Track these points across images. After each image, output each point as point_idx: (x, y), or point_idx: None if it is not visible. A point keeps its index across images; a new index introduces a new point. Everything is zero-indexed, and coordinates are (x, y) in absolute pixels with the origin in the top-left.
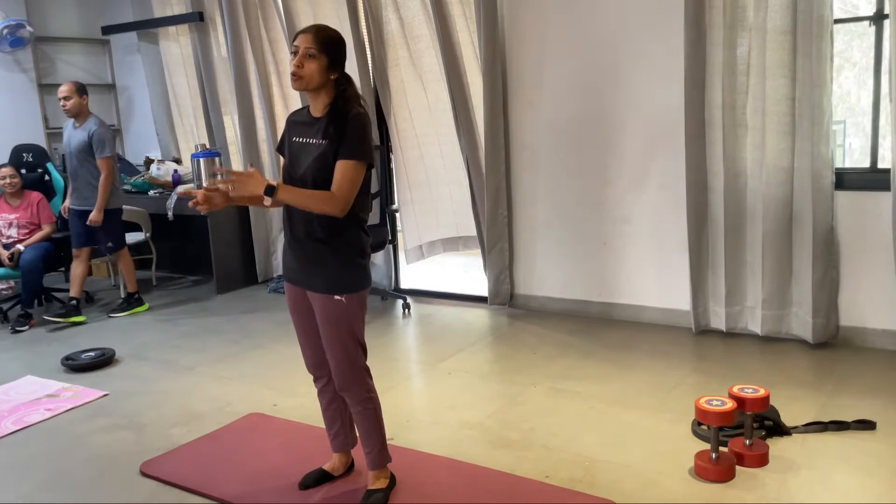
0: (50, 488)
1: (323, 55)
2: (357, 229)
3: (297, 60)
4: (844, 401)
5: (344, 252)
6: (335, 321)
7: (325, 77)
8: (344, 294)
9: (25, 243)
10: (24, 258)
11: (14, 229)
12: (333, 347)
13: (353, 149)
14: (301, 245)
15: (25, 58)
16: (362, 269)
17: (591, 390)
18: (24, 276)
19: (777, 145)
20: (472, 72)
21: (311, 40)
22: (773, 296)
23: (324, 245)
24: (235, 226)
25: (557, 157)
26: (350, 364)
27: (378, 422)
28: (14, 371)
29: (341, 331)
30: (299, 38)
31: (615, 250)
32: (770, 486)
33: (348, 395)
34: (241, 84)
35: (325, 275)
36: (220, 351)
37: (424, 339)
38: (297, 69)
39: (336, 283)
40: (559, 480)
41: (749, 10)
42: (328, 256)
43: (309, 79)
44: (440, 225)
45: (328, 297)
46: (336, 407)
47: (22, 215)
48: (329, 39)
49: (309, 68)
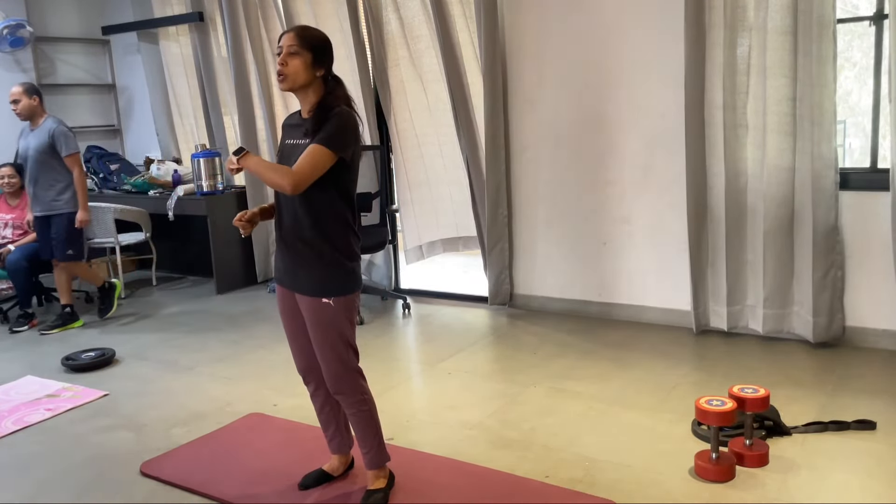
0: (50, 488)
1: (306, 51)
2: (345, 231)
3: (281, 59)
4: (845, 401)
5: (331, 255)
6: (324, 325)
7: (311, 74)
8: (332, 297)
9: (16, 244)
10: (9, 258)
11: (9, 230)
12: (324, 351)
13: (325, 136)
14: (289, 246)
15: (25, 58)
16: (351, 272)
17: (592, 390)
18: (10, 277)
19: (778, 145)
20: (472, 72)
21: (293, 38)
22: (774, 295)
23: (310, 247)
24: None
25: (558, 156)
26: (342, 367)
27: (373, 422)
28: (14, 371)
29: (331, 334)
30: (282, 39)
31: (615, 250)
32: (770, 486)
33: (342, 399)
34: (241, 84)
35: (312, 277)
36: (220, 351)
37: (424, 339)
38: (282, 67)
39: (323, 286)
40: (559, 480)
41: (749, 10)
42: (315, 259)
43: (294, 76)
44: (440, 225)
45: (316, 300)
46: (330, 410)
47: (18, 216)
48: (311, 37)
49: (293, 65)
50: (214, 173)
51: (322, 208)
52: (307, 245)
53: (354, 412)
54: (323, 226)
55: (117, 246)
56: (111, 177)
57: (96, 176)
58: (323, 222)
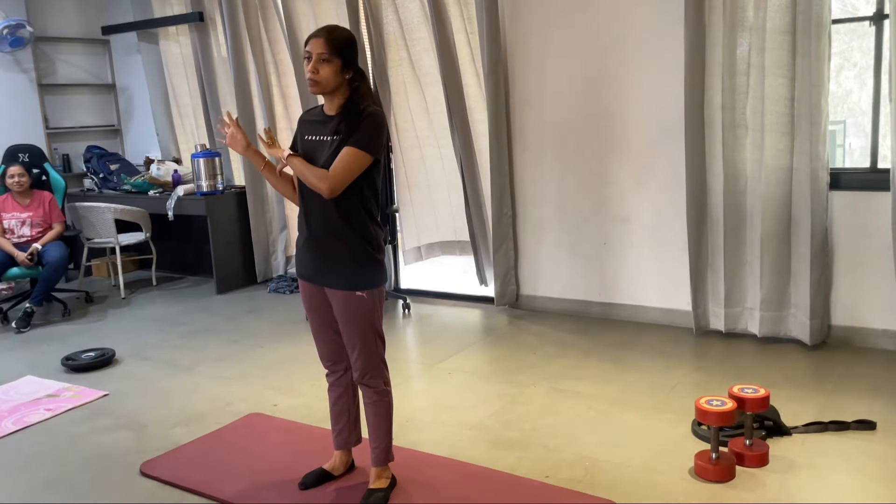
0: (50, 488)
1: (336, 58)
2: (373, 224)
3: (312, 66)
4: (844, 401)
5: (362, 248)
6: (357, 317)
7: (341, 78)
8: (365, 290)
9: (41, 242)
10: (51, 255)
11: (27, 227)
12: (355, 341)
13: (360, 138)
14: (319, 243)
15: (25, 58)
16: (380, 264)
17: (592, 390)
18: (48, 274)
19: (776, 145)
20: (469, 74)
21: (323, 45)
22: (771, 297)
23: (343, 242)
24: (235, 226)
25: (558, 157)
26: (372, 356)
27: (389, 416)
28: (14, 371)
29: (363, 325)
30: (311, 44)
31: (616, 250)
32: (770, 486)
33: (367, 389)
34: (241, 84)
35: (346, 272)
36: (220, 351)
37: (424, 339)
38: (314, 75)
39: (357, 279)
40: (559, 480)
41: (749, 10)
42: (348, 254)
43: (326, 83)
44: (439, 228)
45: (349, 293)
46: (345, 402)
47: (35, 214)
48: (340, 41)
49: (324, 73)
50: (214, 173)
51: (353, 204)
52: (340, 241)
53: (376, 401)
54: (353, 221)
55: (117, 246)
56: (111, 177)
57: (96, 176)
58: (353, 217)
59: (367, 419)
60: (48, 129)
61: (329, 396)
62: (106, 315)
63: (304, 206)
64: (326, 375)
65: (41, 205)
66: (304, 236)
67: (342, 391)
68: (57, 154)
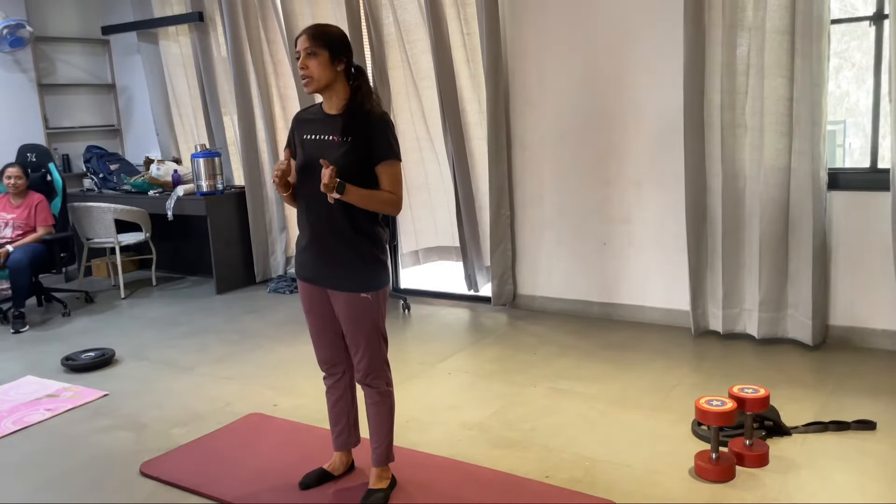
0: (50, 488)
1: (322, 50)
2: (377, 225)
3: (301, 63)
4: (844, 401)
5: (367, 249)
6: (362, 318)
7: (333, 71)
8: (370, 292)
9: (15, 244)
10: (12, 258)
11: (9, 230)
12: (359, 343)
13: (391, 150)
14: (322, 245)
15: (25, 58)
16: (384, 265)
17: (592, 390)
18: (11, 277)
19: (775, 145)
20: (463, 76)
21: (307, 39)
22: (769, 298)
23: (348, 244)
24: (235, 226)
25: (558, 157)
26: (375, 357)
27: (391, 417)
28: (14, 371)
29: (367, 326)
30: (298, 42)
31: (615, 250)
32: (770, 486)
33: (370, 390)
34: (241, 84)
35: (351, 274)
36: (220, 351)
37: (424, 339)
38: (304, 71)
39: (362, 281)
40: (559, 480)
41: (748, 9)
42: (354, 256)
43: (318, 77)
44: (437, 233)
45: (355, 295)
46: (344, 404)
47: (19, 216)
48: (324, 34)
49: (313, 66)
50: (214, 173)
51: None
52: (345, 243)
53: (378, 401)
54: (359, 223)
55: (117, 246)
56: (111, 177)
57: (96, 176)
58: (359, 219)
59: (369, 419)
60: (48, 129)
61: (327, 399)
62: (106, 315)
63: (306, 208)
64: (324, 378)
65: (28, 207)
66: (306, 238)
67: (341, 394)
68: (57, 154)
